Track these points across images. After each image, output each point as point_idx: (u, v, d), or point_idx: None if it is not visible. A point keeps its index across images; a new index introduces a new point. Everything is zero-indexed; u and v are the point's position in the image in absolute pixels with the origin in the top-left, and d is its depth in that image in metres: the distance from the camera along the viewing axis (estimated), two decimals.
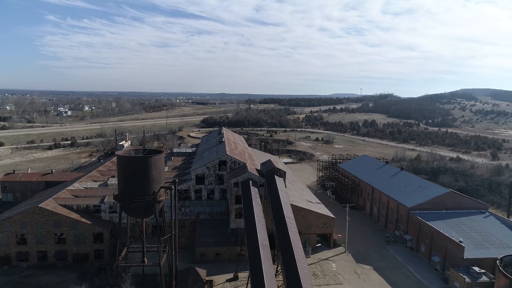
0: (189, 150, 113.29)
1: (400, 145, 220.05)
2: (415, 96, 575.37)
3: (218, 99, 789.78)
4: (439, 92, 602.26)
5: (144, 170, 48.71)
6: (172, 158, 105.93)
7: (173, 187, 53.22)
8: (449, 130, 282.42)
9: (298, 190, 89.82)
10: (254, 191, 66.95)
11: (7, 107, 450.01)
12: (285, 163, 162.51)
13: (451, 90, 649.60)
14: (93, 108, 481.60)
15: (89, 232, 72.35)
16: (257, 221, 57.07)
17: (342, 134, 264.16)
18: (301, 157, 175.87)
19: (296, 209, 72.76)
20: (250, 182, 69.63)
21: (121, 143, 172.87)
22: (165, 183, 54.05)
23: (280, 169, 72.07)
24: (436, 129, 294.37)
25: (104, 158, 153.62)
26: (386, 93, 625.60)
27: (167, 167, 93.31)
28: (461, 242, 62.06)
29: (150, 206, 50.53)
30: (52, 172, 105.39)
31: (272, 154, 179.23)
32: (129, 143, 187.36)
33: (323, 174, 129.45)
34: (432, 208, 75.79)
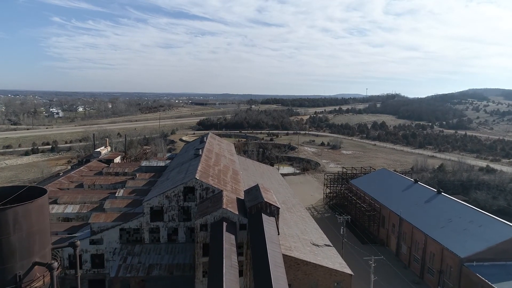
0: (161, 164, 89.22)
1: (416, 150, 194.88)
2: (422, 96, 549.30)
3: (221, 99, 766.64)
4: (446, 92, 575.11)
5: None
6: (137, 175, 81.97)
7: (56, 263, 28.93)
8: (467, 133, 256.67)
9: (299, 223, 65.52)
10: (228, 241, 42.89)
11: None
12: (286, 174, 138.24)
13: (459, 90, 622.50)
14: (87, 109, 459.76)
15: None
16: None
17: (350, 138, 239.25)
18: (305, 166, 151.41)
19: (295, 262, 48.71)
20: (225, 224, 45.61)
21: (98, 149, 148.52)
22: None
23: (270, 204, 47.91)
24: (452, 131, 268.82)
25: (78, 167, 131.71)
26: (393, 93, 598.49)
27: (122, 191, 69.44)
28: None
29: None
30: None
31: (271, 162, 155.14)
32: (109, 149, 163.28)
33: (331, 192, 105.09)
34: (496, 258, 51.36)
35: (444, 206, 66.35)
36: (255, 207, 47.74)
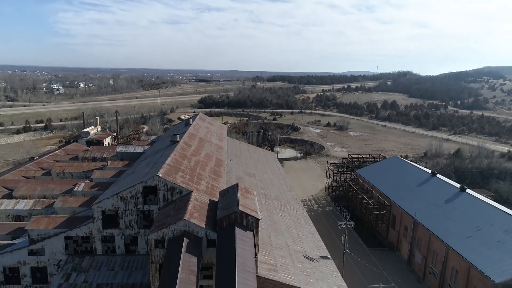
0: (140, 149, 77.96)
1: (429, 133, 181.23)
2: (435, 74, 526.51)
3: (228, 76, 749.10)
4: (459, 70, 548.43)
5: None
6: (109, 162, 71.14)
7: None
8: (484, 113, 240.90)
9: (291, 227, 54.24)
10: (186, 267, 31.78)
11: None
12: (286, 159, 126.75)
13: (473, 68, 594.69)
14: (89, 85, 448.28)
15: None
16: None
17: (358, 118, 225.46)
18: (308, 149, 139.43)
19: (280, 287, 37.72)
20: (185, 242, 34.47)
21: (87, 129, 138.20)
22: None
23: (247, 215, 36.43)
24: (467, 112, 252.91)
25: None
26: (404, 70, 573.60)
27: (83, 185, 58.66)
28: None
29: None
30: None
31: (272, 145, 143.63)
32: (99, 128, 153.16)
33: (334, 181, 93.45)
34: None
35: (470, 208, 54.43)
36: (227, 219, 36.37)
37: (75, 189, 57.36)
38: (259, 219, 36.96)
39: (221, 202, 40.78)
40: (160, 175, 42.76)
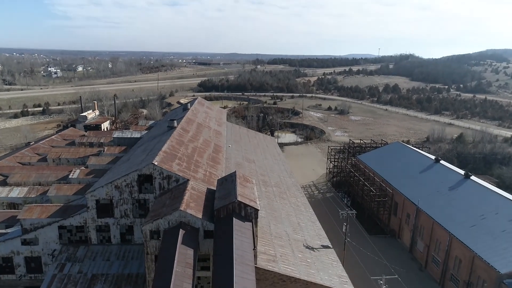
0: (137, 135, 76.38)
1: (432, 117, 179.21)
2: (437, 57, 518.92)
3: (228, 59, 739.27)
4: (462, 53, 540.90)
5: None
6: (105, 148, 69.64)
7: None
8: (487, 97, 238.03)
9: (291, 215, 53.05)
10: (182, 260, 30.61)
11: None
12: (286, 144, 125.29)
13: (476, 51, 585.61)
14: (87, 68, 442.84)
15: None
16: None
17: (359, 102, 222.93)
18: (308, 134, 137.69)
19: (279, 279, 36.69)
20: (181, 233, 33.23)
21: (85, 113, 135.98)
22: None
23: (246, 205, 35.07)
24: (470, 95, 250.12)
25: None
26: (406, 53, 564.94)
27: (78, 172, 57.28)
28: None
29: None
30: None
31: (272, 130, 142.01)
32: (97, 113, 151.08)
33: (335, 166, 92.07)
34: None
35: (474, 196, 53.11)
36: (224, 209, 35.02)
37: (70, 176, 56.01)
38: (258, 210, 35.62)
39: (219, 191, 39.38)
40: (156, 163, 41.26)
